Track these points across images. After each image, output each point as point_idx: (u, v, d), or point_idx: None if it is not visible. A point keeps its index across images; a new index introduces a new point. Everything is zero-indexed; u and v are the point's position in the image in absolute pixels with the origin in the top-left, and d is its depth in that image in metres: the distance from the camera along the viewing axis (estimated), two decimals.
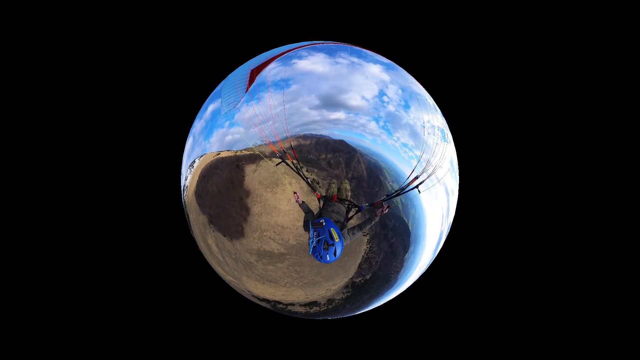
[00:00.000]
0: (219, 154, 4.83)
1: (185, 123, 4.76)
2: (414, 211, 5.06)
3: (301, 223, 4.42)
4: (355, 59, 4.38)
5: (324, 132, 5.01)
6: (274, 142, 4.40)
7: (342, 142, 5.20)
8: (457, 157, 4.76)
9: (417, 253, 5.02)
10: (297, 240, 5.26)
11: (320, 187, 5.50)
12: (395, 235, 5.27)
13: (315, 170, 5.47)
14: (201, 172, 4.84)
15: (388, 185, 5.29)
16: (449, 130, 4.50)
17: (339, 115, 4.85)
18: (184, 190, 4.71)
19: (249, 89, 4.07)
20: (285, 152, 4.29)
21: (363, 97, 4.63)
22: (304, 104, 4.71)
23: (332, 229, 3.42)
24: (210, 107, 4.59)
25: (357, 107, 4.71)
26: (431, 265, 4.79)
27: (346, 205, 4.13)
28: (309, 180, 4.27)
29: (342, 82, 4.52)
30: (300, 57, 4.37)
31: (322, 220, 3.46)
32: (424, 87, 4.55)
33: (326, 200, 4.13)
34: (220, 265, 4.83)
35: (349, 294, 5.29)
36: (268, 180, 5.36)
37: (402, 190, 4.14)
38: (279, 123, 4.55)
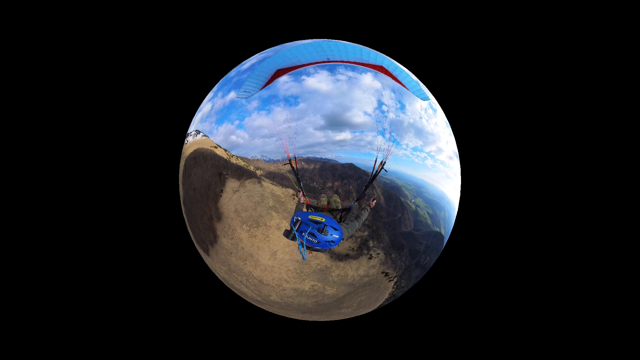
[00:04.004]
0: (216, 147, 4.31)
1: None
2: (444, 213, 4.17)
3: (290, 285, 4.22)
4: (350, 73, 4.79)
5: (329, 156, 4.81)
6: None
7: (350, 166, 4.92)
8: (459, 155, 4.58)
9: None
10: (282, 299, 4.10)
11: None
12: (429, 255, 4.15)
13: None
14: (193, 152, 4.32)
15: (411, 204, 4.58)
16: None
17: (345, 135, 4.83)
18: (185, 141, 4.17)
19: (266, 87, 4.28)
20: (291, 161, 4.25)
21: (365, 113, 4.77)
22: (309, 124, 4.81)
23: (310, 215, 3.19)
24: (232, 94, 4.43)
25: (362, 123, 4.77)
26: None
27: (336, 214, 4.08)
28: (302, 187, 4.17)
29: (345, 99, 4.74)
30: (308, 74, 4.52)
31: (295, 218, 3.21)
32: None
33: (316, 210, 4.03)
34: None
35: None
36: (248, 212, 4.02)
37: (374, 177, 4.32)
38: (283, 140, 4.58)
